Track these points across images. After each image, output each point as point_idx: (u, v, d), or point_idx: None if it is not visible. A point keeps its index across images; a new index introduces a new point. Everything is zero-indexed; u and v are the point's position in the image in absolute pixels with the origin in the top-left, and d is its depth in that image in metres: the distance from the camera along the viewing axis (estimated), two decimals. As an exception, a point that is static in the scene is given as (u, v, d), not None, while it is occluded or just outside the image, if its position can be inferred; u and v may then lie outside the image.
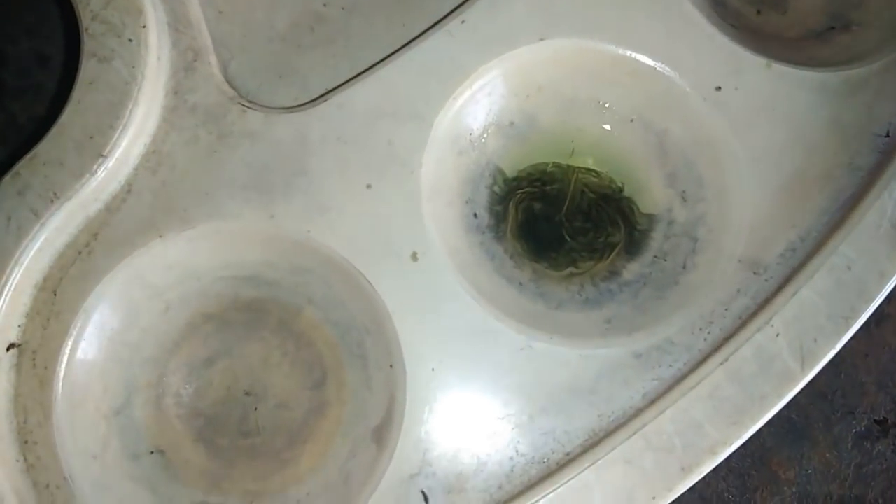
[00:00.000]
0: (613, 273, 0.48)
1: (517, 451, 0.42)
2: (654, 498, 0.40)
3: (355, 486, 0.42)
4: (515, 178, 0.50)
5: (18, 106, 0.52)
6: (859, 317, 0.43)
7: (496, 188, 0.49)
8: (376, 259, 0.44)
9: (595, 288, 0.48)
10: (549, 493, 0.40)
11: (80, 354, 0.43)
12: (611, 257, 0.48)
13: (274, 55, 0.50)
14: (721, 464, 0.48)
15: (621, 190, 0.50)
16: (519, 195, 0.49)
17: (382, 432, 0.43)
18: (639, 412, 0.42)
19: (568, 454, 0.42)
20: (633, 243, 0.49)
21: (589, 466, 0.40)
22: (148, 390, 0.45)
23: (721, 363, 0.42)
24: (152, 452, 0.44)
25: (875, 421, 0.50)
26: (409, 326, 0.43)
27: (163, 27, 0.46)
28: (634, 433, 0.41)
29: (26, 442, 0.42)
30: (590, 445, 0.42)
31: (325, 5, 0.51)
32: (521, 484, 0.41)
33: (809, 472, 0.49)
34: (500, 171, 0.49)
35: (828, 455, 0.49)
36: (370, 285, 0.43)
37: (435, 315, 0.43)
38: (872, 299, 0.43)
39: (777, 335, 0.42)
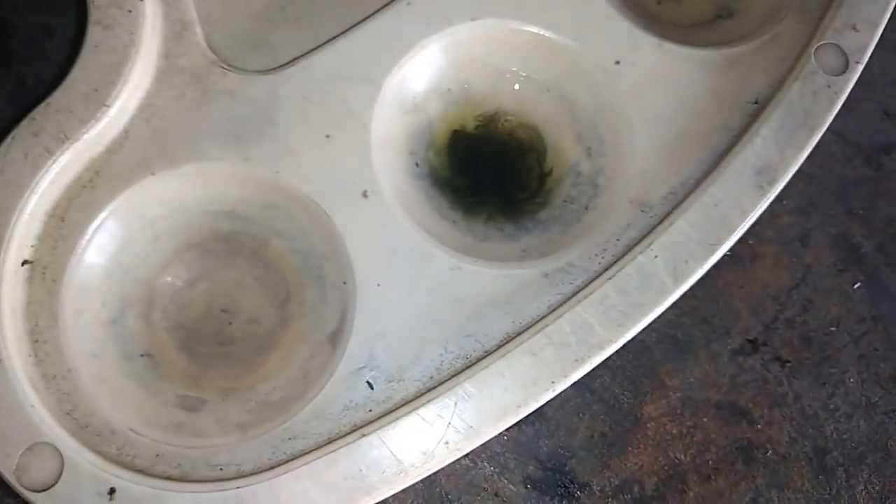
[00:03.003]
0: (529, 215, 0.58)
1: (446, 349, 0.51)
2: (552, 382, 0.49)
3: (313, 379, 0.51)
4: (450, 135, 0.59)
5: (26, 70, 0.60)
6: (724, 243, 0.53)
7: (434, 144, 0.59)
8: (333, 196, 0.53)
9: (514, 226, 0.58)
10: (471, 379, 0.49)
11: (82, 271, 0.51)
12: (527, 201, 0.58)
13: (249, 29, 0.59)
14: (618, 373, 0.59)
15: (540, 151, 0.60)
16: (453, 149, 0.59)
17: (337, 336, 0.52)
18: (543, 318, 0.52)
19: (486, 351, 0.51)
20: (546, 192, 0.59)
21: (501, 357, 0.50)
22: (139, 305, 0.54)
23: (609, 278, 0.51)
24: (142, 355, 0.53)
25: (747, 340, 0.60)
26: (359, 250, 0.52)
27: (156, 1, 0.55)
28: (539, 332, 0.50)
29: (37, 341, 0.50)
30: (503, 344, 0.51)
31: (293, -12, 0.60)
32: (449, 374, 0.51)
33: (692, 380, 0.59)
34: (438, 130, 0.59)
35: (707, 367, 0.59)
36: (328, 217, 0.53)
37: (381, 241, 0.53)
38: (735, 229, 0.53)
39: (656, 257, 0.52)
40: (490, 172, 0.59)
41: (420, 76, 0.58)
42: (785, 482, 0.57)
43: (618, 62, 0.57)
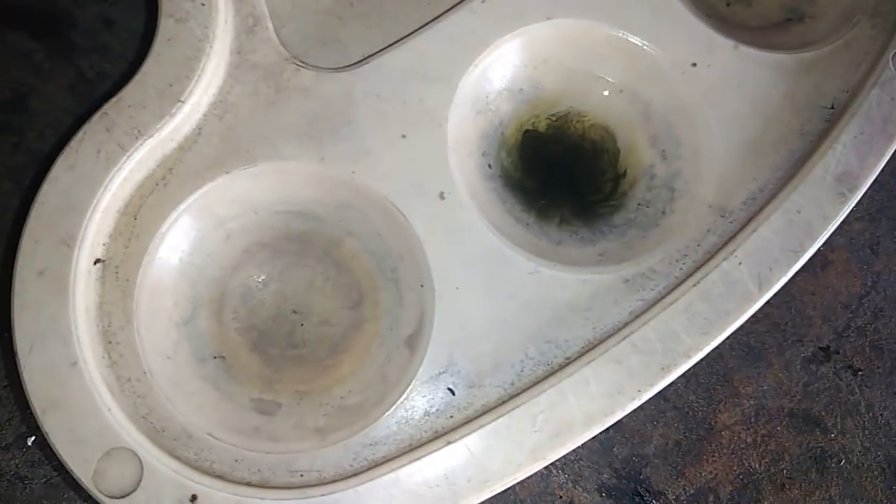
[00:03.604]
0: (603, 218, 0.57)
1: (526, 355, 0.50)
2: (639, 391, 0.48)
3: (391, 383, 0.50)
4: (522, 135, 0.58)
5: (87, 63, 0.59)
6: (807, 250, 0.52)
7: (506, 144, 0.58)
8: (410, 197, 0.52)
9: (588, 229, 0.57)
10: (555, 387, 0.48)
11: (155, 271, 0.50)
12: (601, 204, 0.57)
13: (318, 25, 0.58)
14: (691, 380, 0.58)
15: (613, 152, 0.59)
16: (525, 149, 0.58)
17: (414, 340, 0.51)
18: (626, 325, 0.51)
19: (568, 358, 0.50)
20: (620, 195, 0.58)
21: (586, 365, 0.49)
22: (211, 305, 0.52)
23: (694, 285, 0.51)
24: (215, 357, 0.51)
25: (819, 348, 0.59)
26: (437, 253, 0.51)
27: (227, -4, 0.54)
28: (624, 339, 0.49)
29: (110, 342, 0.49)
30: (586, 351, 0.50)
31: (362, -16, 0.59)
32: (530, 381, 0.50)
33: (765, 388, 0.58)
34: (510, 130, 0.58)
35: (780, 375, 0.58)
36: (405, 218, 0.51)
37: (459, 244, 0.51)
38: (818, 237, 0.52)
39: (740, 264, 0.51)
40: (562, 173, 0.58)
41: (494, 76, 0.57)
42: (858, 492, 0.56)
43: (694, 64, 0.57)
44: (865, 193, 0.57)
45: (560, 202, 0.57)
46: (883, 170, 0.56)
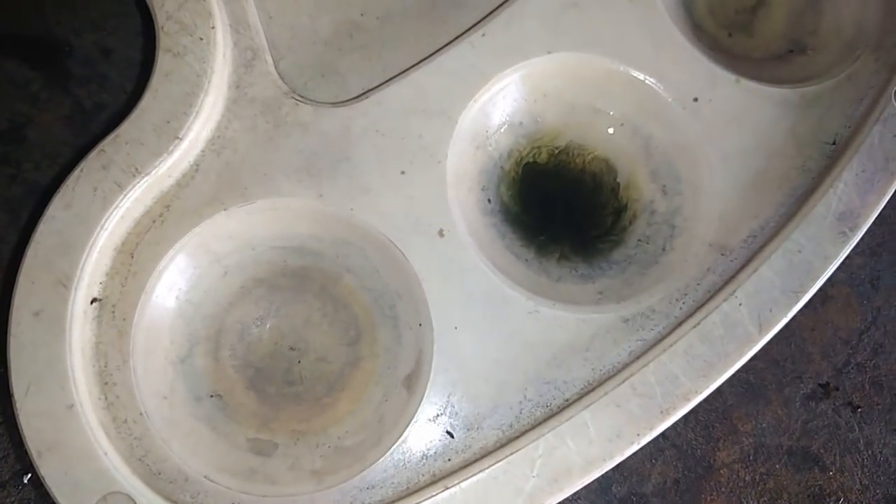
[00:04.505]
0: (603, 254, 0.57)
1: (525, 397, 0.50)
2: (638, 434, 0.48)
3: (389, 424, 0.50)
4: (522, 169, 0.58)
5: (84, 92, 0.58)
6: (807, 291, 0.52)
7: (505, 179, 0.57)
8: (409, 234, 0.51)
9: (588, 265, 0.56)
10: (552, 431, 0.48)
11: (151, 309, 0.50)
12: (600, 239, 0.57)
13: (317, 56, 0.57)
14: (690, 417, 0.58)
15: (613, 187, 0.58)
16: (524, 183, 0.57)
17: (412, 380, 0.50)
18: (626, 366, 0.50)
19: (567, 400, 0.50)
20: (620, 230, 0.57)
21: (585, 408, 0.48)
22: (207, 343, 0.52)
23: (694, 326, 0.50)
24: (212, 396, 0.51)
25: (819, 385, 0.59)
26: (435, 291, 0.51)
27: (226, 28, 0.53)
28: (623, 382, 0.49)
29: (106, 383, 0.48)
30: (585, 393, 0.50)
31: (362, 15, 0.58)
32: (528, 423, 0.49)
33: (764, 425, 0.58)
34: (509, 164, 0.57)
35: (779, 412, 0.58)
36: (403, 256, 0.51)
37: (458, 283, 0.51)
38: (818, 277, 0.52)
39: (740, 305, 0.51)
40: (561, 208, 0.58)
41: (494, 110, 0.56)
42: (857, 531, 0.56)
43: (696, 99, 0.56)
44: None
45: (560, 237, 0.57)
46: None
